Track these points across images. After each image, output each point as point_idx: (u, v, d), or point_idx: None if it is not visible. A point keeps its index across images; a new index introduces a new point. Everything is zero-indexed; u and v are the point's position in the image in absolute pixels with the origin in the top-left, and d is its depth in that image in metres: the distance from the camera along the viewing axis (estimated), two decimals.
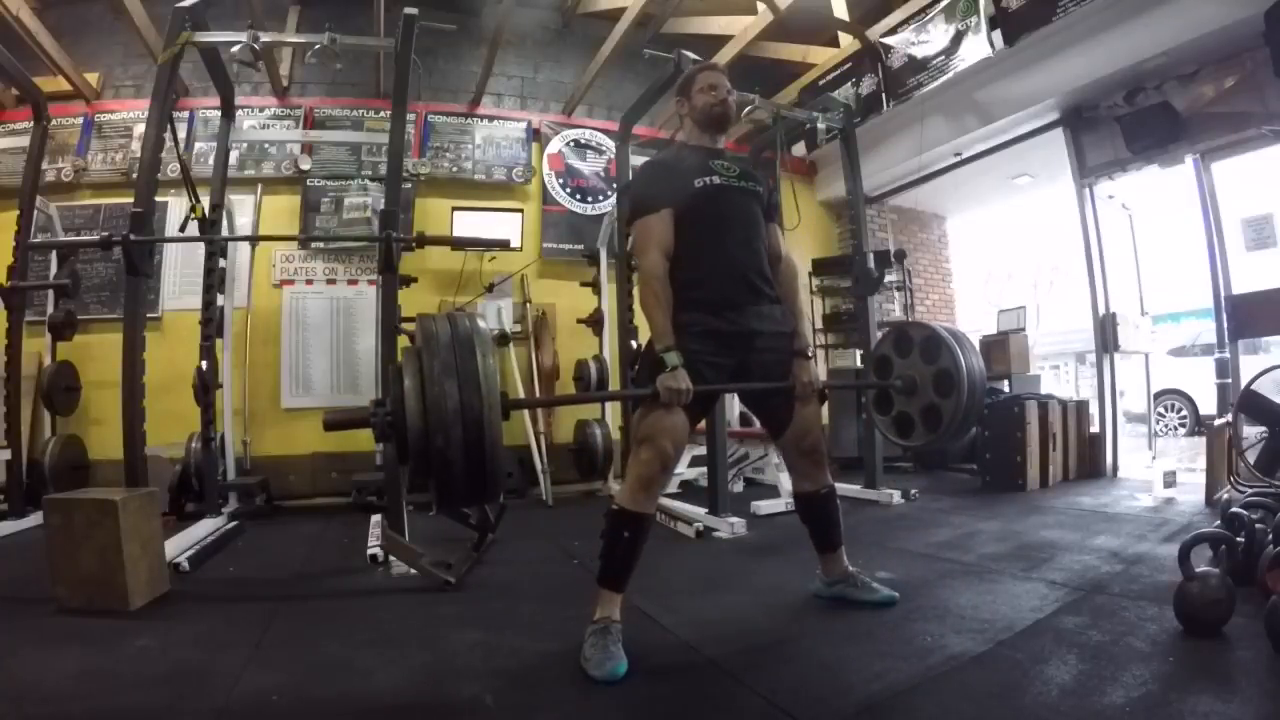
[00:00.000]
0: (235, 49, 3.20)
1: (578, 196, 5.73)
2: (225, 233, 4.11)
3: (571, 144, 5.78)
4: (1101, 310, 4.68)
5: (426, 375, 1.42)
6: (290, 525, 4.02)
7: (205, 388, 3.86)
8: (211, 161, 4.35)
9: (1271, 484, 3.03)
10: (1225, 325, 4.12)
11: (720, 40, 5.43)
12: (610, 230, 5.01)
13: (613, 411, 5.05)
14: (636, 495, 1.83)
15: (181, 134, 4.69)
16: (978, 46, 4.59)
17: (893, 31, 5.20)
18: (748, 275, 1.97)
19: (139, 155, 3.86)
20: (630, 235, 2.05)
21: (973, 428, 2.31)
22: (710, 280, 1.93)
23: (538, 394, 5.08)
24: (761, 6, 4.87)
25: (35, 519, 3.54)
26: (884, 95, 5.33)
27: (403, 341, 3.02)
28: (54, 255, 4.57)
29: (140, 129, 4.60)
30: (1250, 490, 2.91)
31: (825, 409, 2.07)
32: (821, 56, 5.88)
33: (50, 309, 4.42)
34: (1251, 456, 3.37)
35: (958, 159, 5.48)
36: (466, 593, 2.47)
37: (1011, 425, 4.31)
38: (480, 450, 1.39)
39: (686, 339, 1.87)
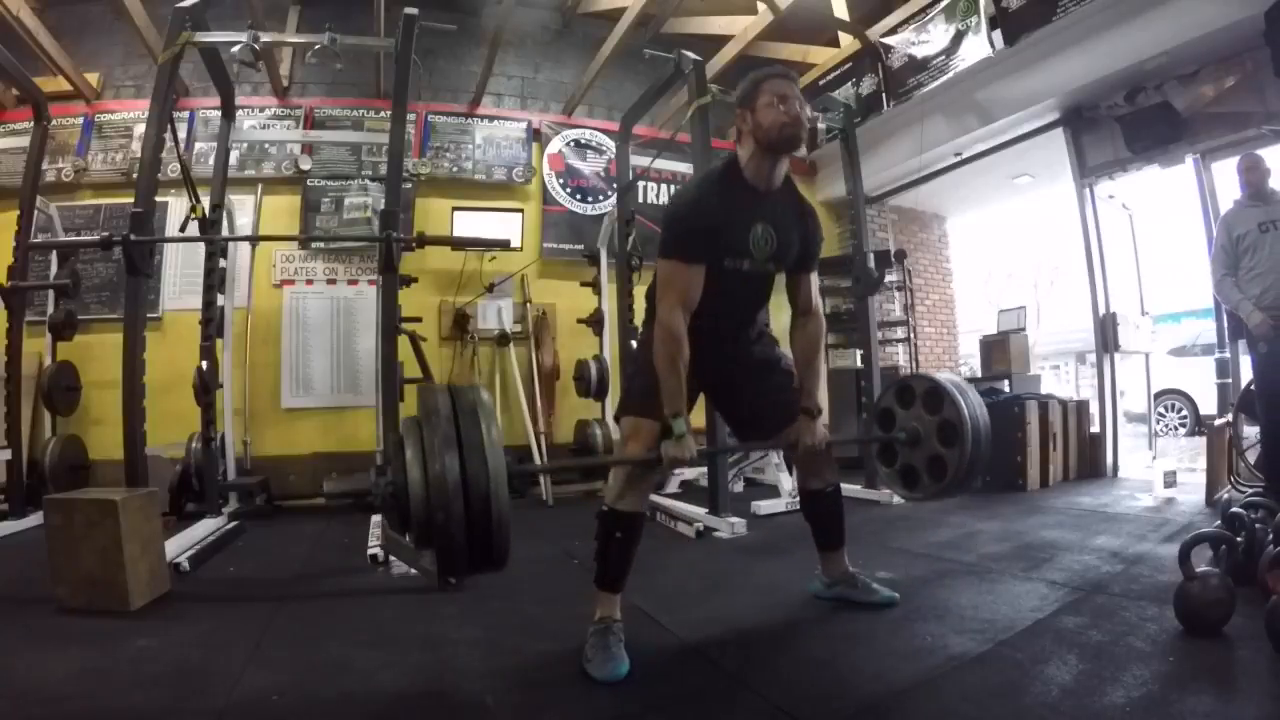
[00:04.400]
0: (235, 49, 3.20)
1: (578, 196, 5.73)
2: (225, 233, 4.11)
3: (572, 144, 5.78)
4: (1102, 310, 4.68)
5: (428, 448, 1.38)
6: (290, 525, 4.01)
7: (205, 388, 3.86)
8: (211, 161, 4.36)
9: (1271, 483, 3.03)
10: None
11: (720, 40, 5.43)
12: (611, 230, 5.01)
13: (613, 412, 5.04)
14: (623, 494, 1.82)
15: (181, 134, 4.69)
16: (978, 46, 4.58)
17: (893, 31, 5.20)
18: (734, 347, 1.98)
19: (139, 155, 3.86)
20: (654, 273, 1.85)
21: (979, 477, 2.29)
22: (694, 344, 1.82)
23: (538, 394, 5.08)
24: (761, 6, 4.87)
25: (35, 519, 3.54)
26: (884, 95, 5.33)
27: (403, 342, 3.02)
28: (54, 255, 4.57)
29: (140, 129, 4.60)
30: (1250, 490, 2.92)
31: (825, 409, 2.06)
32: (822, 56, 5.88)
33: (50, 309, 4.41)
34: (1251, 456, 3.37)
35: (958, 159, 5.48)
36: (466, 593, 2.47)
37: (1012, 425, 4.31)
38: (486, 523, 1.36)
39: None
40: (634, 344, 4.22)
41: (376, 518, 3.33)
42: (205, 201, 3.78)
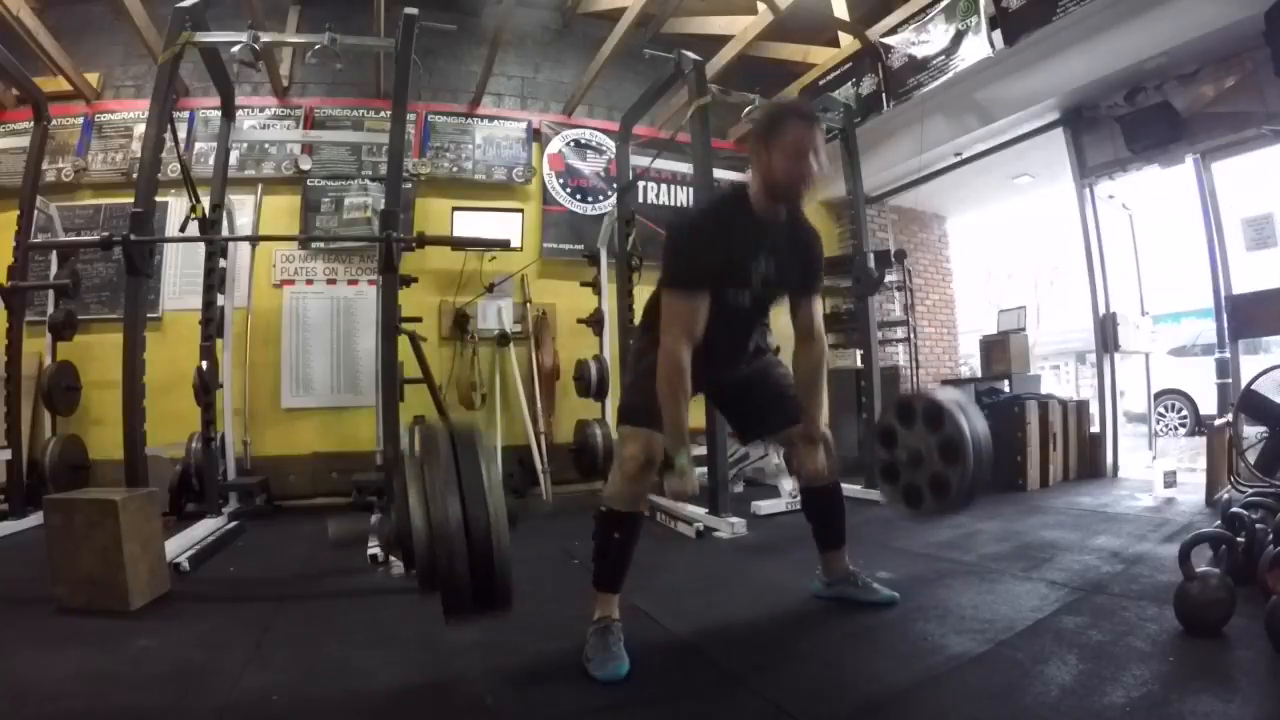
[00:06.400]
0: (235, 49, 3.20)
1: (578, 196, 5.73)
2: (225, 233, 4.11)
3: (572, 144, 5.78)
4: (1102, 310, 4.67)
5: (430, 492, 1.41)
6: (290, 525, 4.02)
7: (205, 388, 3.86)
8: (211, 161, 4.36)
9: (1271, 484, 3.03)
10: (1225, 325, 4.12)
11: (720, 40, 5.43)
12: (611, 230, 5.01)
13: (613, 412, 5.05)
14: (622, 494, 1.82)
15: (181, 134, 4.69)
16: (978, 46, 4.58)
17: (893, 31, 5.19)
18: (729, 365, 2.00)
19: (139, 155, 3.86)
20: (658, 299, 1.84)
21: (981, 493, 2.30)
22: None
23: (538, 394, 5.08)
24: (761, 6, 4.87)
25: (35, 519, 3.54)
26: (884, 95, 5.32)
27: (403, 342, 3.02)
28: (54, 255, 4.57)
29: (140, 129, 4.60)
30: (1250, 490, 2.91)
31: (825, 409, 2.06)
32: (821, 56, 5.87)
33: (50, 309, 4.41)
34: (1251, 456, 3.37)
35: (958, 159, 5.48)
36: None
37: (1012, 425, 4.31)
38: (489, 566, 1.38)
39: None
40: (631, 342, 4.24)
41: (377, 517, 3.34)
42: (205, 201, 3.78)
